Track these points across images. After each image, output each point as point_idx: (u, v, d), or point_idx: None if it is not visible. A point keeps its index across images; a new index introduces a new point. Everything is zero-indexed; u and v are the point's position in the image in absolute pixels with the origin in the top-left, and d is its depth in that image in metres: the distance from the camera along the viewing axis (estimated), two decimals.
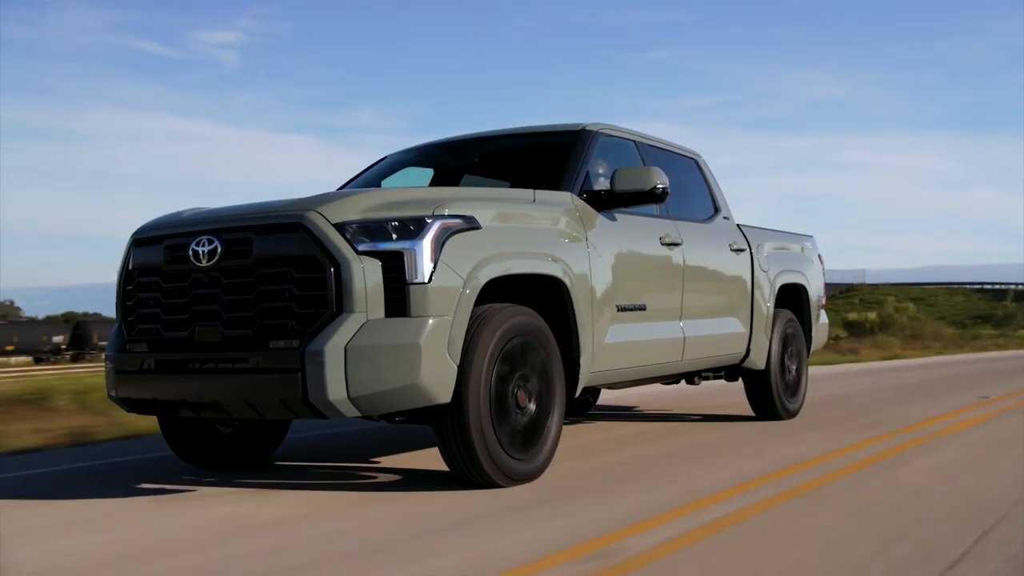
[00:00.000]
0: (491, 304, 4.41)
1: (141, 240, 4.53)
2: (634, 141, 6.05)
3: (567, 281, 4.73)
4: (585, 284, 4.90)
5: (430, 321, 3.99)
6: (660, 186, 5.20)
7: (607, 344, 5.13)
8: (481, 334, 4.21)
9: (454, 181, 6.16)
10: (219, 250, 4.18)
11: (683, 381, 7.08)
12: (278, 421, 5.34)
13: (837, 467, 4.94)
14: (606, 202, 5.27)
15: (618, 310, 5.25)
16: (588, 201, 5.22)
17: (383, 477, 4.87)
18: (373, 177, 6.20)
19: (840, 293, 73.17)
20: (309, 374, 3.88)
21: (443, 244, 4.10)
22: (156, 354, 4.35)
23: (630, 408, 8.56)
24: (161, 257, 4.38)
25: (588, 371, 4.99)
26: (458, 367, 4.10)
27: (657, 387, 9.92)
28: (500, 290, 4.59)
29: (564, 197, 5.09)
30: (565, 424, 7.27)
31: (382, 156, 6.40)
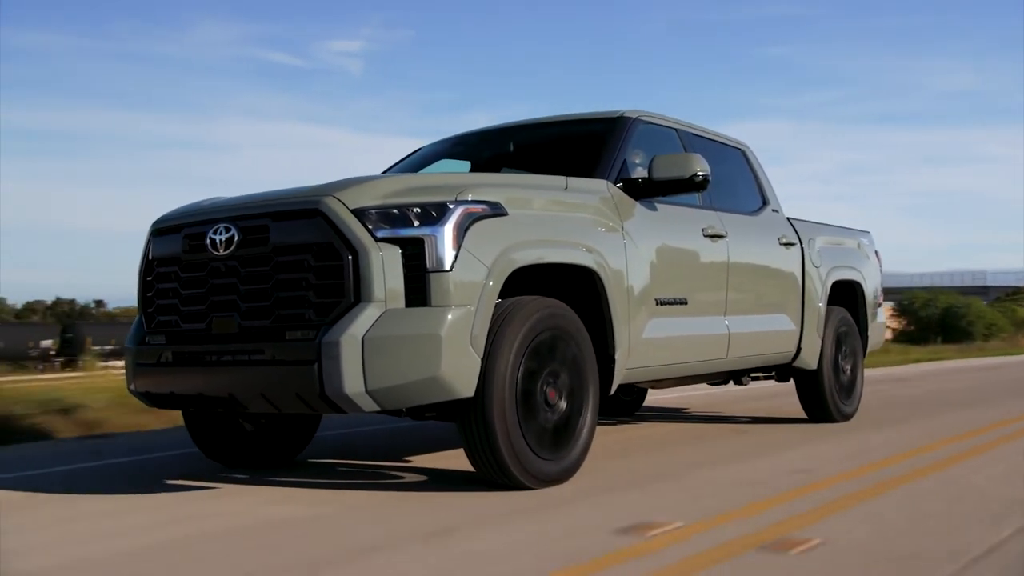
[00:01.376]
0: (520, 296, 4.21)
1: (160, 230, 4.42)
2: (676, 129, 5.80)
3: (601, 272, 4.50)
4: (621, 275, 4.67)
5: (452, 311, 3.80)
6: (700, 173, 4.95)
7: (645, 339, 4.89)
8: (507, 326, 4.01)
9: (492, 172, 5.97)
10: (236, 238, 4.04)
11: (731, 382, 6.80)
12: (306, 418, 5.20)
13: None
14: (644, 191, 5.04)
15: (657, 304, 5.00)
16: (625, 190, 4.99)
17: (410, 476, 4.70)
18: (407, 170, 6.03)
19: (1007, 296, 68.91)
20: (325, 366, 3.71)
21: (466, 230, 3.90)
22: (174, 346, 4.23)
23: (678, 409, 8.27)
24: (179, 247, 4.25)
25: (624, 367, 4.76)
26: (482, 360, 3.90)
27: (706, 388, 9.63)
28: (530, 281, 4.39)
29: (599, 185, 4.87)
30: (608, 425, 7.05)
31: (416, 148, 6.23)
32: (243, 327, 4.00)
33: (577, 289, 4.56)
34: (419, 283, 3.82)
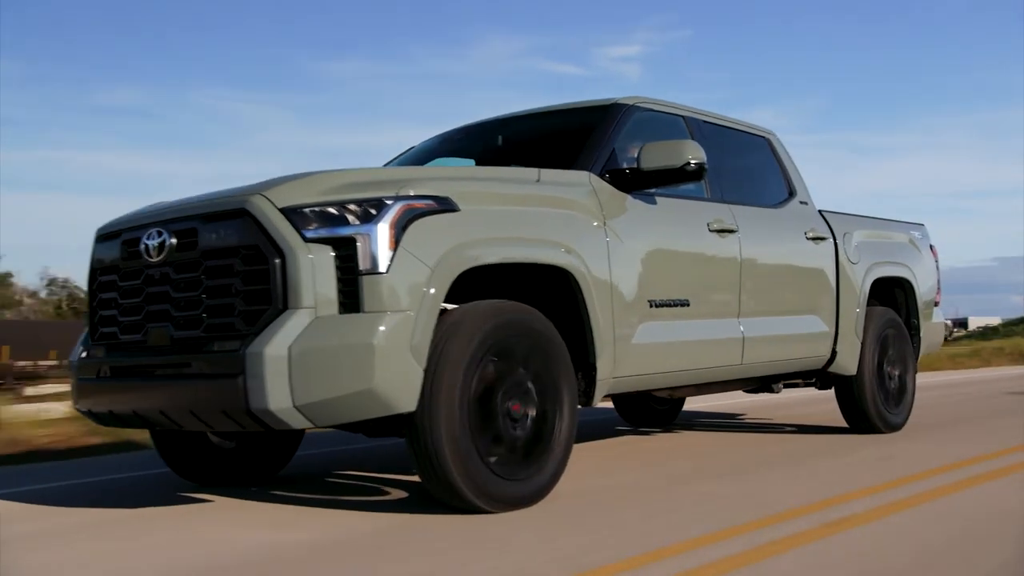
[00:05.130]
0: (478, 301, 3.84)
1: (102, 236, 4.20)
2: (684, 116, 5.33)
3: (576, 271, 4.09)
4: (602, 275, 4.24)
5: (386, 317, 3.43)
6: (693, 161, 4.48)
7: (636, 345, 4.44)
8: (457, 333, 3.63)
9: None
10: (167, 243, 3.77)
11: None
12: (287, 433, 4.89)
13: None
14: (634, 182, 4.59)
15: (651, 306, 4.55)
16: (613, 182, 4.56)
17: (397, 493, 4.36)
18: None
19: None
20: (249, 380, 3.39)
21: (405, 228, 3.54)
22: (111, 360, 3.98)
23: (719, 417, 7.73)
24: (118, 253, 4.01)
25: (610, 376, 4.32)
26: (425, 371, 3.53)
27: (760, 396, 9.05)
28: (497, 284, 4.02)
29: (579, 177, 4.45)
30: (645, 433, 6.62)
31: (408, 147, 5.90)
32: (175, 338, 3.73)
33: (552, 292, 4.16)
34: (352, 287, 3.48)
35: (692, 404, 8.41)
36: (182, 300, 3.72)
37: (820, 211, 6.13)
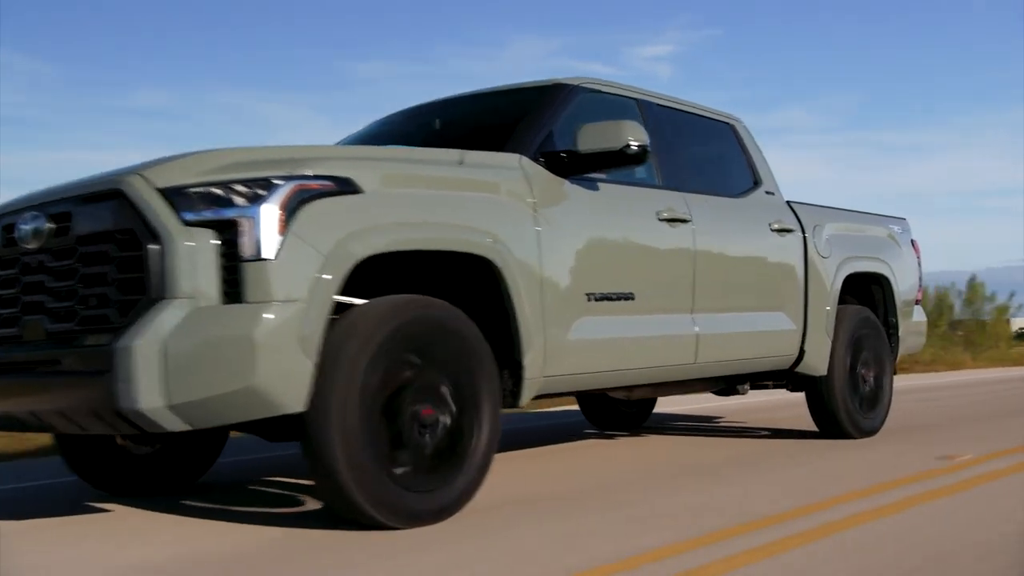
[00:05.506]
0: (387, 295, 3.51)
1: None
2: (636, 99, 4.98)
3: (499, 260, 3.75)
4: (531, 264, 3.90)
5: (271, 308, 3.10)
6: (634, 144, 4.13)
7: (572, 341, 4.10)
8: (358, 328, 3.30)
9: None
10: (43, 228, 3.44)
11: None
12: (207, 437, 4.56)
13: None
14: (572, 167, 4.25)
15: (590, 299, 4.20)
16: (549, 166, 4.22)
17: (313, 504, 4.04)
18: None
19: None
20: (118, 377, 3.05)
21: (295, 211, 3.21)
22: None
23: (692, 420, 7.37)
24: None
25: (540, 374, 3.97)
26: (319, 368, 3.19)
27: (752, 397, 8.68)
28: (417, 278, 3.70)
29: (508, 160, 4.11)
30: (611, 437, 6.29)
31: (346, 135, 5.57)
32: (50, 332, 3.40)
33: (476, 284, 3.83)
34: (236, 275, 3.15)
35: (663, 407, 8.05)
36: (58, 290, 3.39)
37: (788, 202, 5.78)
